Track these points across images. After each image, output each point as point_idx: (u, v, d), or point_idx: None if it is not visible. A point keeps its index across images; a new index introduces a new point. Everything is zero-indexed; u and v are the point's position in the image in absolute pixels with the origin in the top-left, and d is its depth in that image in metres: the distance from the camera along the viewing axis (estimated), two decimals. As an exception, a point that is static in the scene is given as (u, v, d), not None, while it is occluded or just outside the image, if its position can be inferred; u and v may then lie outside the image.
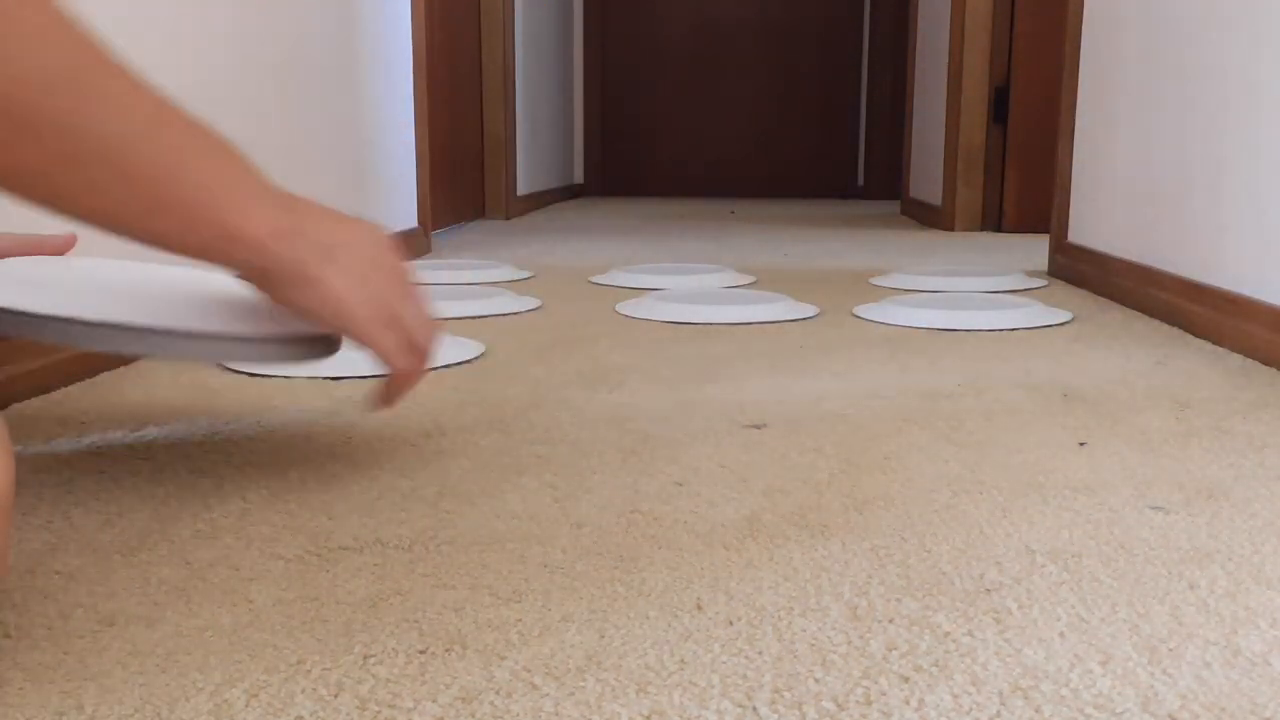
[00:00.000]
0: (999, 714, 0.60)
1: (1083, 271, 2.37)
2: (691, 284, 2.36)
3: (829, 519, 0.90)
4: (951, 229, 3.83)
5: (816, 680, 0.63)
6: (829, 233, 3.76)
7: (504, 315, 1.94)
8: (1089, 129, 2.41)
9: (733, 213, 4.70)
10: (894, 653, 0.67)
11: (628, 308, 2.00)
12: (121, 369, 1.46)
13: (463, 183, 3.89)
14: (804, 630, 0.70)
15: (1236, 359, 1.57)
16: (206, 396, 1.32)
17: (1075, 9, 2.48)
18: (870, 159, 5.82)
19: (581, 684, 0.63)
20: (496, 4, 4.01)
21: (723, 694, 0.62)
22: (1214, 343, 1.67)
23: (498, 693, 0.62)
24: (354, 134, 2.44)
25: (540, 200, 4.87)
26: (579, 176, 5.90)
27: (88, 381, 1.38)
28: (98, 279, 0.95)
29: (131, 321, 0.83)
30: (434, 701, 0.61)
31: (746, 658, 0.66)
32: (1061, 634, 0.69)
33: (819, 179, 5.90)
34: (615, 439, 1.14)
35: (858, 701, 0.61)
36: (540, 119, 4.88)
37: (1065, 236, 2.54)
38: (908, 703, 0.61)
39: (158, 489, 0.96)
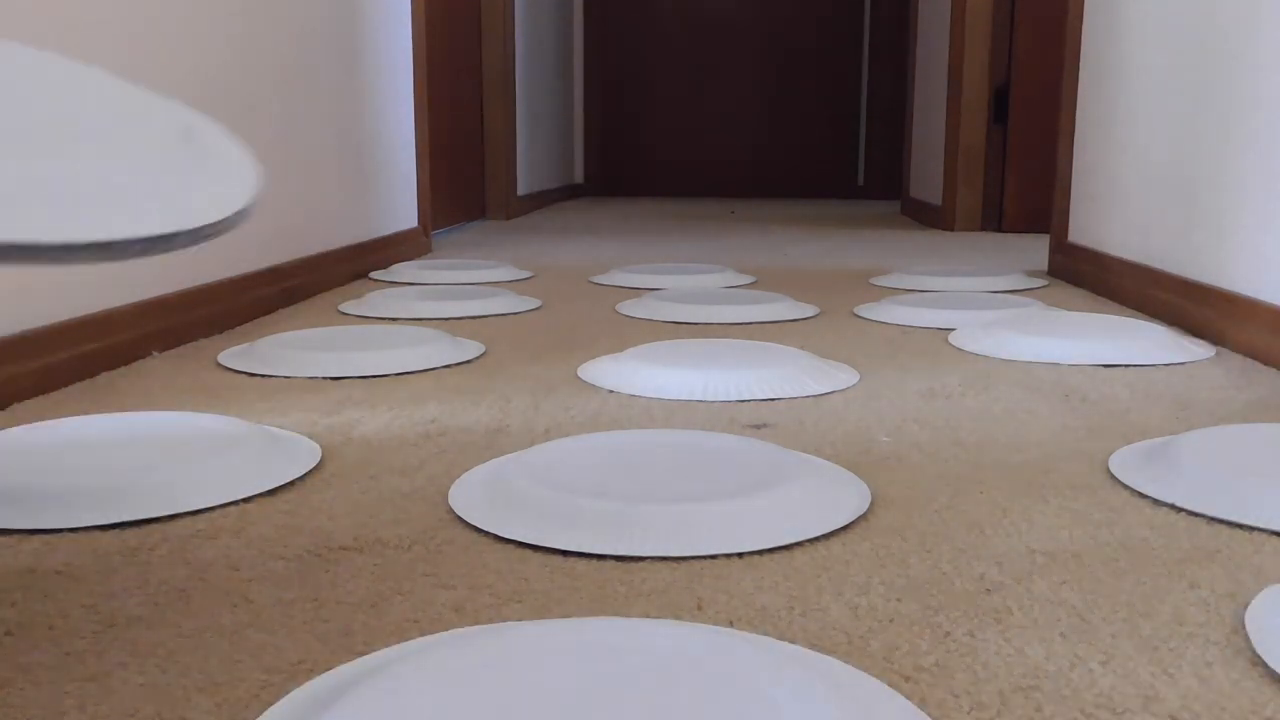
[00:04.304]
0: (999, 714, 0.59)
1: (1083, 271, 2.37)
2: (691, 284, 2.36)
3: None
4: (951, 229, 3.83)
5: (817, 680, 0.63)
6: (829, 233, 3.76)
7: (504, 315, 1.94)
8: (1089, 129, 2.41)
9: (733, 213, 4.69)
10: (894, 653, 0.67)
11: (628, 308, 1.99)
12: (122, 369, 1.46)
13: (463, 183, 3.89)
14: (804, 630, 0.70)
15: (1236, 359, 1.57)
16: (205, 396, 1.32)
17: (1075, 9, 2.48)
18: (870, 159, 5.82)
19: (582, 684, 0.62)
20: (496, 4, 4.01)
21: (723, 694, 0.61)
22: (1214, 343, 1.67)
23: (498, 693, 0.61)
24: (354, 134, 2.44)
25: (540, 200, 4.87)
26: (579, 176, 5.90)
27: (88, 381, 1.38)
28: None
29: None
30: (434, 701, 0.60)
31: (747, 658, 0.66)
32: (1061, 634, 0.69)
33: (819, 179, 5.91)
34: (615, 439, 1.13)
35: (858, 701, 0.61)
36: (540, 119, 4.88)
37: (1065, 236, 2.54)
38: (908, 701, 0.61)
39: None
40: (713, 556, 0.81)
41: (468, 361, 1.53)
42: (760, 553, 0.82)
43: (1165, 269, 1.94)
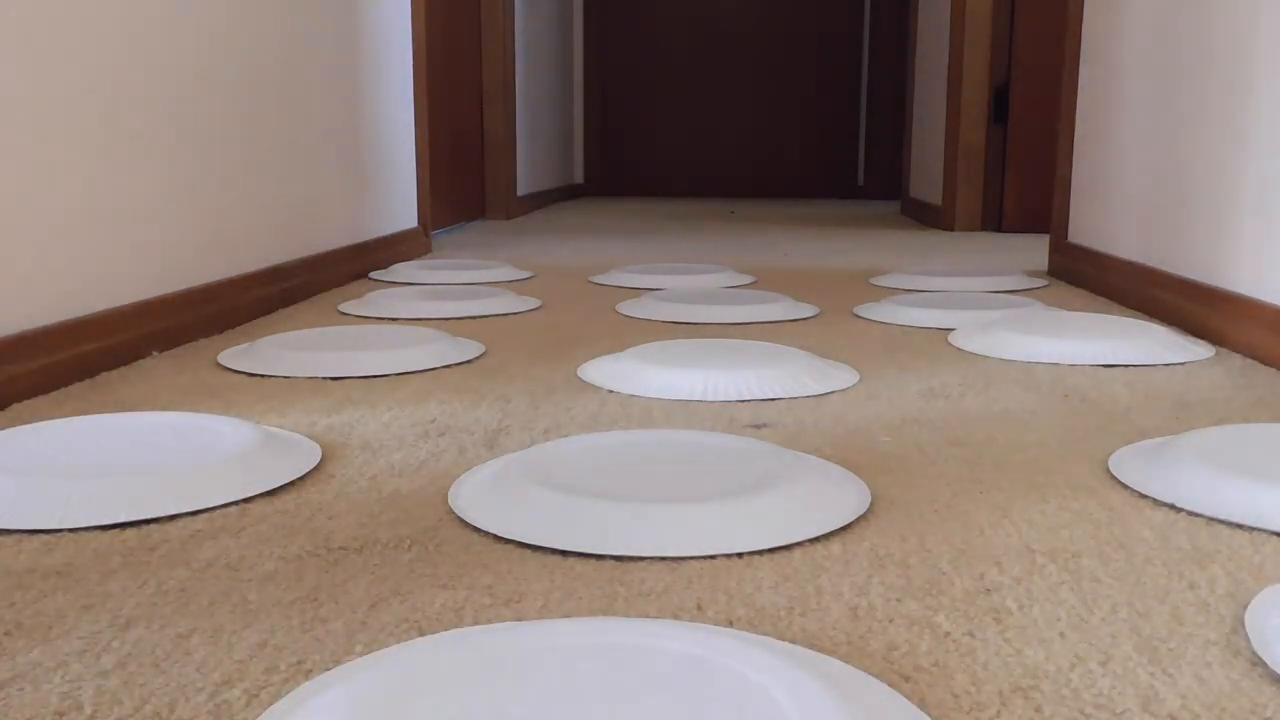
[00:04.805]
0: (999, 714, 0.60)
1: (1083, 271, 2.37)
2: (691, 284, 2.36)
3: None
4: (951, 229, 3.83)
5: (816, 680, 0.63)
6: (829, 233, 3.76)
7: (504, 315, 1.94)
8: (1089, 129, 2.41)
9: (733, 213, 4.69)
10: (894, 653, 0.67)
11: (628, 308, 2.00)
12: (122, 369, 1.46)
13: (463, 183, 3.89)
14: (804, 630, 0.70)
15: (1236, 359, 1.57)
16: (205, 396, 1.32)
17: (1075, 9, 2.48)
18: (870, 159, 5.82)
19: (581, 684, 0.62)
20: (496, 4, 4.01)
21: (723, 694, 0.61)
22: (1214, 343, 1.67)
23: (498, 693, 0.61)
24: (354, 134, 2.44)
25: (540, 200, 4.87)
26: (579, 176, 5.90)
27: (88, 381, 1.38)
28: None
29: None
30: (434, 701, 0.60)
31: (746, 658, 0.66)
32: (1061, 634, 0.69)
33: (819, 179, 5.91)
34: (615, 439, 1.13)
35: (858, 701, 0.61)
36: (540, 119, 4.88)
37: (1065, 236, 2.54)
38: (908, 701, 0.61)
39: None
40: (712, 557, 0.81)
41: (468, 361, 1.53)
42: (760, 553, 0.82)
43: (1165, 269, 1.94)
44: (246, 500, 0.93)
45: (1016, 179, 3.77)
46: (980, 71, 3.73)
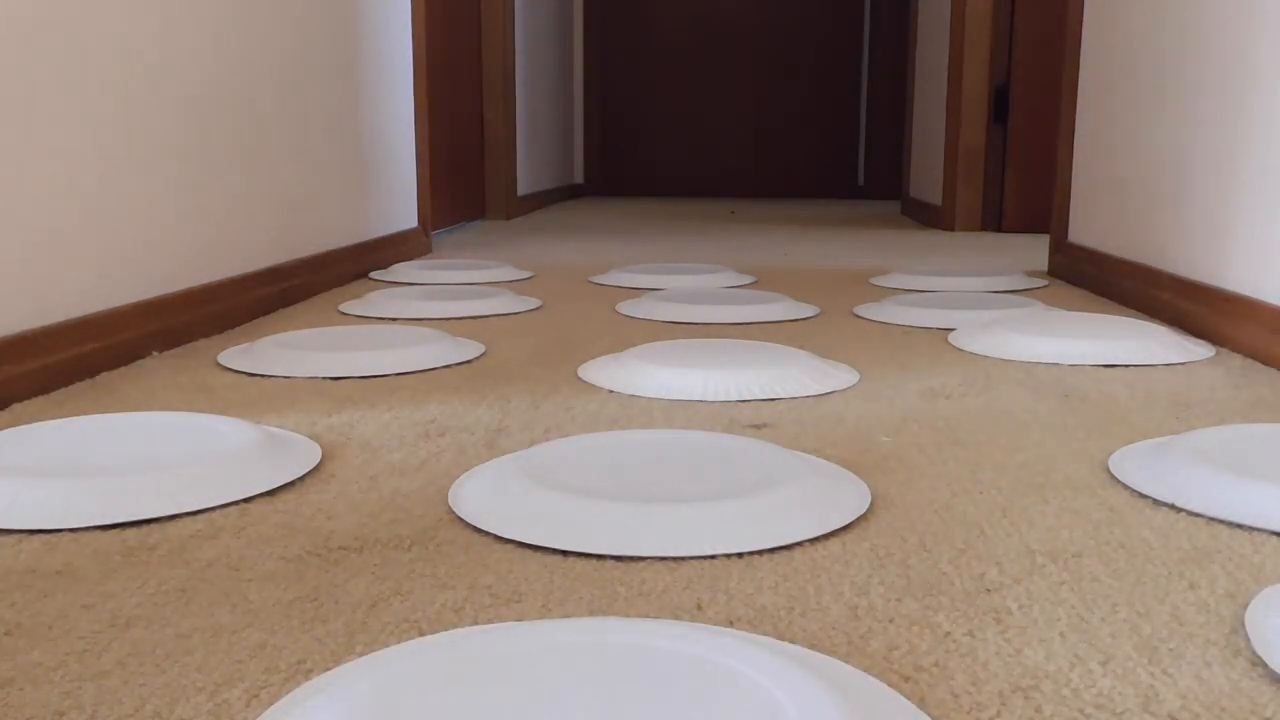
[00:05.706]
0: (999, 714, 0.59)
1: (1083, 271, 2.37)
2: (691, 284, 2.36)
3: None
4: (952, 229, 3.83)
5: (816, 680, 0.63)
6: (829, 233, 3.76)
7: (504, 315, 1.94)
8: (1089, 129, 2.41)
9: (733, 213, 4.69)
10: (894, 653, 0.67)
11: (628, 308, 2.00)
12: (122, 369, 1.46)
13: (463, 183, 3.89)
14: (804, 630, 0.70)
15: (1236, 359, 1.57)
16: (206, 396, 1.32)
17: (1075, 9, 2.48)
18: (870, 159, 5.82)
19: (581, 684, 0.62)
20: (496, 4, 4.01)
21: (723, 694, 0.61)
22: (1214, 343, 1.67)
23: (498, 693, 0.61)
24: (354, 134, 2.44)
25: (540, 200, 4.87)
26: (579, 176, 5.90)
27: (88, 381, 1.38)
28: None
29: None
30: (434, 701, 0.60)
31: (746, 658, 0.66)
32: (1061, 634, 0.69)
33: (819, 179, 5.91)
34: (615, 439, 1.13)
35: (858, 701, 0.61)
36: (540, 119, 4.88)
37: (1065, 236, 2.54)
38: (908, 701, 0.61)
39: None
40: (712, 556, 0.81)
41: (468, 361, 1.53)
42: (760, 553, 0.82)
43: (1165, 269, 1.94)
44: (246, 500, 0.93)
45: (1016, 179, 3.77)
46: (980, 71, 3.73)
